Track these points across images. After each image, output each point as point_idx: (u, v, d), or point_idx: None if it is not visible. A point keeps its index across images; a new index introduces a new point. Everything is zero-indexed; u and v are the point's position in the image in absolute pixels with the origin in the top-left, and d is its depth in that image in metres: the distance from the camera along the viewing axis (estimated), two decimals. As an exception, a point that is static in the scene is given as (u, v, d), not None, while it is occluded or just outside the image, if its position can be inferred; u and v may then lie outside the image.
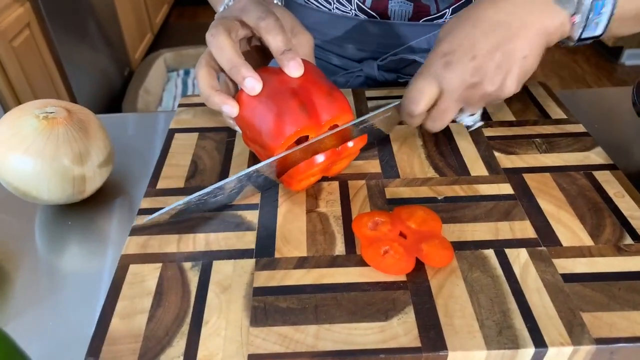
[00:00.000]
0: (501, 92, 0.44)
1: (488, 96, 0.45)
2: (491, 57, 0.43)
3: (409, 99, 0.45)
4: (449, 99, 0.45)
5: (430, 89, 0.44)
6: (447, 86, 0.44)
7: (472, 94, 0.44)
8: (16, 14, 1.57)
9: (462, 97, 0.45)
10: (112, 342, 0.36)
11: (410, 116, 0.46)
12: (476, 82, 0.43)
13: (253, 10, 0.46)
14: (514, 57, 0.43)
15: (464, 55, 0.43)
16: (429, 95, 0.44)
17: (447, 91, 0.44)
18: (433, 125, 0.47)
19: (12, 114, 0.49)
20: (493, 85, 0.43)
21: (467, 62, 0.43)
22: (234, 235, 0.44)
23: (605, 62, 2.78)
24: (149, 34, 2.94)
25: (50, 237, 0.50)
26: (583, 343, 0.35)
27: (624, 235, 0.43)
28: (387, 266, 0.40)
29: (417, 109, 0.45)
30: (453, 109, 0.46)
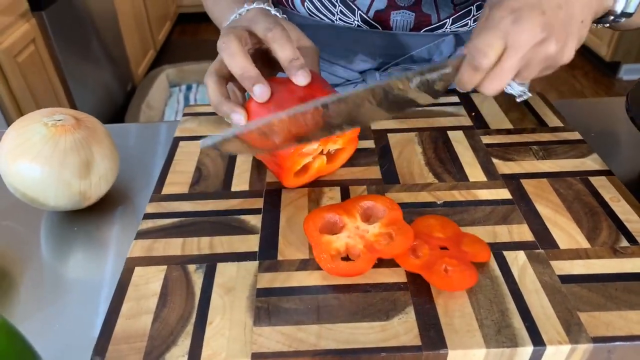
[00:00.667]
0: (561, 55, 0.44)
1: (548, 59, 0.44)
2: (557, 15, 0.42)
3: (478, 51, 0.43)
4: (515, 56, 0.43)
5: (498, 43, 0.43)
6: (515, 42, 0.42)
7: (537, 53, 0.43)
8: (21, 29, 1.60)
9: (526, 56, 0.43)
10: (117, 341, 0.37)
11: (475, 70, 0.44)
12: (544, 37, 0.42)
13: (262, 21, 0.48)
14: (575, 19, 0.43)
15: (533, 9, 0.42)
16: (497, 50, 0.43)
17: (514, 47, 0.43)
18: (491, 86, 0.45)
19: (20, 122, 0.50)
20: (557, 44, 0.43)
21: (536, 17, 0.42)
22: (238, 238, 0.45)
23: (603, 77, 2.81)
24: (151, 50, 2.98)
25: (55, 243, 0.51)
26: (580, 342, 0.36)
27: (620, 238, 0.44)
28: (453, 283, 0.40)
29: (486, 62, 0.43)
30: (514, 69, 0.44)
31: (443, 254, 0.41)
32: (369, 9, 0.64)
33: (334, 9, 0.65)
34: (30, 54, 1.65)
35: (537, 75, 0.46)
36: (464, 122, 0.60)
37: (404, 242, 0.41)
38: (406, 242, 0.41)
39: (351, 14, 0.64)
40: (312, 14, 0.67)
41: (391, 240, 0.42)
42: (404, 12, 0.63)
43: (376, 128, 0.59)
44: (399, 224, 0.43)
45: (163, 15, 3.27)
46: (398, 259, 0.41)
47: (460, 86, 0.46)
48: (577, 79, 2.82)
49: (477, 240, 0.43)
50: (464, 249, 0.42)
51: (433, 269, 0.40)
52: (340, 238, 0.43)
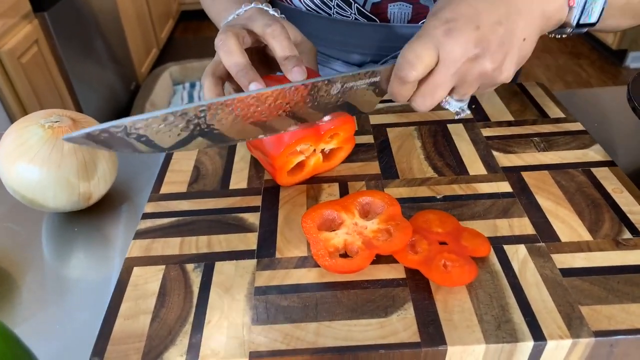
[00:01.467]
0: (499, 73, 0.42)
1: (484, 76, 0.42)
2: (495, 31, 0.40)
3: (405, 61, 0.41)
4: (446, 71, 0.41)
5: (428, 54, 0.40)
6: (447, 55, 0.40)
7: (470, 69, 0.41)
8: (25, 31, 1.60)
9: (459, 72, 0.41)
10: (116, 341, 0.37)
11: (402, 82, 0.42)
12: (478, 53, 0.40)
13: (260, 19, 0.47)
14: (515, 37, 0.41)
15: (468, 23, 0.40)
16: (426, 61, 0.40)
17: (445, 61, 0.40)
18: (422, 102, 0.43)
19: (18, 124, 0.50)
20: (493, 63, 0.41)
21: (470, 31, 0.40)
22: (236, 236, 0.45)
23: (609, 65, 2.78)
24: (154, 48, 2.98)
25: (56, 244, 0.51)
26: (582, 336, 0.35)
27: (622, 230, 0.44)
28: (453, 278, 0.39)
29: (412, 74, 0.41)
30: (447, 85, 0.42)
31: (442, 249, 0.41)
32: (365, 2, 0.63)
33: (331, 2, 0.64)
34: (34, 54, 1.65)
35: (477, 92, 0.44)
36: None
37: (402, 238, 0.41)
38: (405, 238, 0.41)
39: (348, 6, 0.63)
40: (309, 7, 0.66)
41: (390, 237, 0.42)
42: (401, 4, 0.62)
43: (375, 123, 0.59)
44: (397, 220, 0.43)
45: (165, 13, 3.27)
46: (396, 255, 0.41)
47: (393, 97, 0.44)
48: (583, 67, 2.79)
49: (476, 234, 0.43)
50: (463, 243, 0.42)
51: (432, 264, 0.40)
52: (338, 235, 0.42)
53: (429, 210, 0.45)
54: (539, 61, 2.88)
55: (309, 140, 0.46)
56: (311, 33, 0.67)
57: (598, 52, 2.91)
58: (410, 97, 0.43)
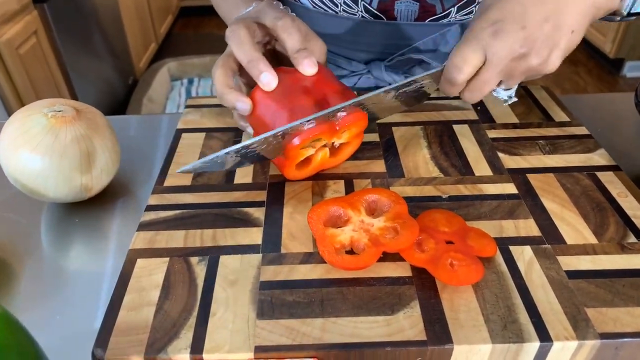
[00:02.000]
0: (545, 66, 0.43)
1: (531, 70, 0.43)
2: (541, 28, 0.41)
3: (453, 66, 0.43)
4: (493, 70, 0.43)
5: (475, 57, 0.42)
6: (494, 56, 0.42)
7: (517, 66, 0.43)
8: (23, 22, 1.59)
9: (506, 69, 0.43)
10: (119, 333, 0.36)
11: (451, 85, 0.45)
12: (524, 53, 0.41)
13: (270, 12, 0.47)
14: (563, 31, 0.41)
15: (514, 23, 0.41)
16: (473, 64, 0.43)
17: (492, 61, 0.42)
18: (471, 97, 0.46)
19: (21, 113, 0.50)
20: (539, 58, 0.42)
21: (517, 31, 0.41)
22: (241, 231, 0.44)
23: (606, 74, 2.80)
24: (153, 43, 2.97)
25: (56, 235, 0.51)
26: (588, 338, 0.35)
27: (627, 234, 0.44)
28: (459, 277, 0.39)
29: (460, 78, 0.43)
30: (494, 81, 0.44)
31: (449, 248, 0.41)
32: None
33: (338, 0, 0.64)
34: (32, 46, 1.64)
35: (523, 81, 0.46)
36: (470, 116, 0.60)
37: (409, 236, 0.41)
38: (411, 236, 0.41)
39: (355, 4, 0.63)
40: (316, 5, 0.66)
41: (396, 234, 0.41)
42: (408, 1, 0.62)
43: (381, 122, 0.59)
44: (404, 218, 0.43)
45: (165, 8, 3.26)
46: (403, 253, 0.41)
47: (443, 93, 0.48)
48: (581, 75, 2.80)
49: (483, 234, 0.42)
50: (469, 243, 0.42)
51: (439, 263, 0.39)
52: (344, 231, 0.42)
53: (435, 210, 0.45)
54: (537, 68, 2.89)
55: (323, 136, 0.46)
56: (317, 31, 0.67)
57: (595, 61, 2.92)
58: (460, 92, 0.46)
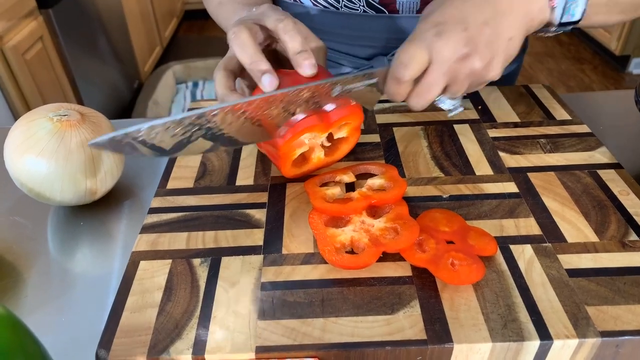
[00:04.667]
0: (487, 72, 0.44)
1: (474, 74, 0.44)
2: (482, 31, 0.43)
3: (399, 63, 0.44)
4: (438, 71, 0.43)
5: (421, 55, 0.43)
6: (438, 55, 0.43)
7: (461, 68, 0.43)
8: (29, 27, 1.61)
9: (450, 71, 0.43)
10: (123, 334, 0.37)
11: (398, 82, 0.44)
12: (467, 52, 0.43)
13: (272, 14, 0.48)
14: (502, 37, 0.43)
15: (457, 25, 0.43)
16: (419, 62, 0.43)
17: (437, 61, 0.43)
18: (417, 102, 0.46)
19: (26, 117, 0.50)
20: (482, 61, 0.43)
21: (459, 32, 0.42)
22: (243, 232, 0.45)
23: (612, 71, 2.78)
24: (158, 47, 2.99)
25: (62, 238, 0.51)
26: (588, 336, 0.35)
27: (628, 231, 0.44)
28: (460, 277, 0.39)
29: (407, 74, 0.43)
30: (439, 84, 0.44)
31: (449, 247, 0.41)
32: None
33: None
34: (38, 51, 1.65)
35: (467, 91, 0.47)
36: (471, 115, 0.60)
37: (409, 237, 0.41)
38: (412, 237, 0.41)
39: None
40: (317, 3, 0.66)
41: (397, 235, 0.42)
42: None
43: (382, 122, 0.59)
44: (404, 219, 0.43)
45: (169, 12, 3.28)
46: (404, 254, 0.41)
47: (389, 97, 0.47)
48: (586, 73, 2.79)
49: (483, 233, 0.43)
50: (470, 242, 0.42)
51: (440, 263, 0.40)
52: (345, 232, 0.43)
53: (436, 210, 0.45)
54: (542, 66, 2.88)
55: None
56: (319, 28, 0.68)
57: (601, 58, 2.91)
58: (406, 97, 0.46)
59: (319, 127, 0.46)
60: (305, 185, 0.47)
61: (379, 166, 0.49)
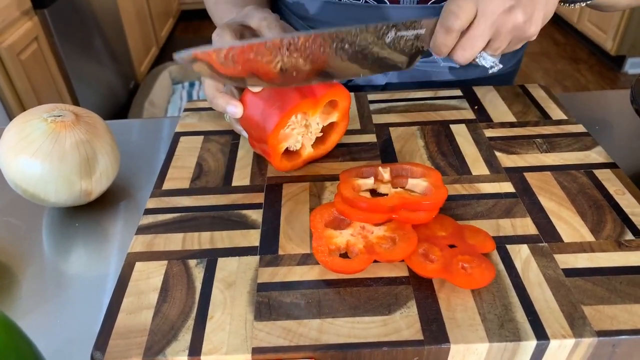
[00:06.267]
0: (528, 26, 0.46)
1: (517, 28, 0.46)
2: None
3: (449, 12, 0.45)
4: (484, 22, 0.45)
5: (469, 6, 0.45)
6: (486, 7, 0.45)
7: (506, 21, 0.45)
8: (24, 27, 1.60)
9: (495, 24, 0.45)
10: (118, 336, 0.36)
11: (447, 32, 0.46)
12: (512, 5, 0.44)
13: (255, 14, 0.48)
14: None
15: None
16: (467, 12, 0.45)
17: (484, 13, 0.45)
18: (462, 54, 0.47)
19: (21, 118, 0.50)
20: (524, 15, 0.45)
21: None
22: (239, 233, 0.45)
23: (608, 71, 2.79)
24: (154, 47, 2.98)
25: (57, 239, 0.51)
26: (585, 335, 0.35)
27: (624, 231, 0.44)
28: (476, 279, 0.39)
29: (457, 23, 0.45)
30: (485, 36, 0.46)
31: (454, 252, 0.41)
32: None
33: None
34: (33, 51, 1.65)
35: (507, 49, 0.48)
36: (467, 115, 0.60)
37: (405, 249, 0.40)
38: (407, 249, 0.40)
39: None
40: None
41: (393, 245, 0.41)
42: None
43: (378, 122, 0.59)
44: (405, 230, 0.42)
45: (165, 12, 3.27)
46: (415, 268, 0.40)
47: (435, 50, 0.48)
48: (582, 73, 2.80)
49: (478, 231, 0.43)
50: (470, 242, 0.42)
51: (452, 270, 0.39)
52: (343, 234, 0.42)
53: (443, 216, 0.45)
54: (538, 65, 2.89)
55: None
56: (321, 20, 0.68)
57: (597, 58, 2.92)
58: (451, 50, 0.48)
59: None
60: (341, 175, 0.47)
61: (423, 168, 0.47)
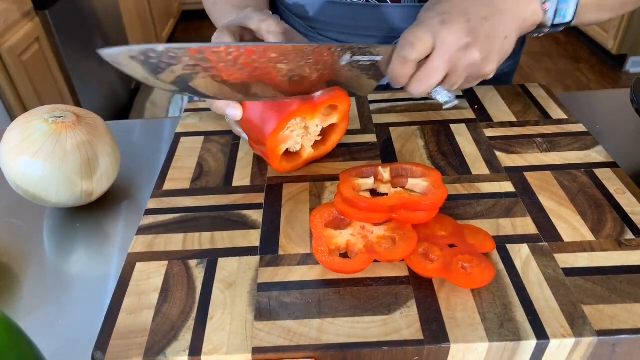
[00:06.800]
0: (484, 64, 0.46)
1: (472, 66, 0.46)
2: (482, 25, 0.45)
3: (406, 42, 0.45)
4: (441, 57, 0.45)
5: (426, 38, 0.45)
6: (443, 41, 0.45)
7: (462, 57, 0.45)
8: (25, 29, 1.60)
9: (452, 59, 0.45)
10: (119, 336, 0.36)
11: (403, 62, 0.46)
12: (469, 42, 0.45)
13: (255, 15, 0.49)
14: (499, 33, 0.46)
15: (460, 16, 0.45)
16: (424, 44, 0.45)
17: (441, 47, 0.45)
18: (417, 87, 0.47)
19: (22, 119, 0.50)
20: (481, 53, 0.45)
21: (462, 22, 0.45)
22: (239, 233, 0.45)
23: (609, 70, 2.79)
24: (155, 48, 2.98)
25: (58, 239, 0.51)
26: (585, 335, 0.35)
27: (625, 230, 0.44)
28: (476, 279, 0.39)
29: (413, 53, 0.45)
30: (441, 71, 0.46)
31: (454, 251, 0.41)
32: None
33: None
34: (35, 52, 1.65)
35: (462, 86, 0.49)
36: (467, 115, 0.60)
37: (405, 249, 0.40)
38: (407, 249, 0.40)
39: None
40: None
41: (393, 245, 0.41)
42: None
43: (378, 122, 0.59)
44: (405, 230, 0.42)
45: (166, 12, 3.27)
46: (415, 268, 0.40)
47: (392, 79, 0.48)
48: (583, 72, 2.79)
49: (477, 230, 0.43)
50: (470, 242, 0.42)
51: (452, 269, 0.39)
52: (343, 234, 0.42)
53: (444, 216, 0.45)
54: (539, 65, 2.88)
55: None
56: (321, 20, 0.68)
57: (598, 57, 2.91)
58: (407, 83, 0.48)
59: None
60: (341, 175, 0.47)
61: (423, 168, 0.47)
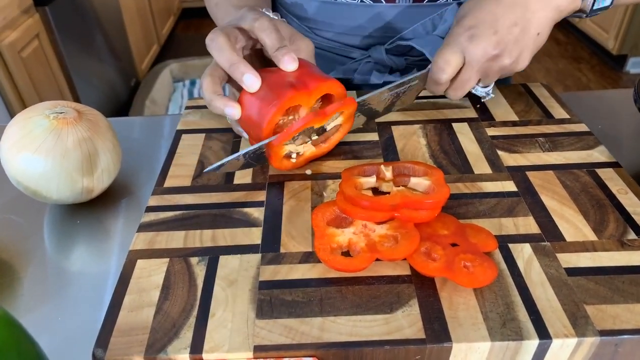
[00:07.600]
0: (516, 65, 0.50)
1: (504, 69, 0.50)
2: (510, 32, 0.48)
3: (437, 68, 0.50)
4: (471, 70, 0.50)
5: (455, 58, 0.49)
6: (471, 57, 0.49)
7: (492, 65, 0.49)
8: (25, 25, 1.60)
9: (482, 68, 0.50)
10: (120, 333, 0.36)
11: (437, 84, 0.52)
12: (497, 54, 0.48)
13: (249, 16, 0.49)
14: (529, 34, 0.48)
15: (487, 29, 0.48)
16: (454, 65, 0.49)
17: (470, 62, 0.49)
18: (455, 94, 0.53)
19: (23, 115, 0.50)
20: (510, 58, 0.49)
21: (490, 36, 0.48)
22: (240, 231, 0.45)
23: (609, 70, 2.79)
24: (155, 45, 2.98)
25: (59, 236, 0.51)
26: (587, 335, 0.35)
27: (627, 230, 0.44)
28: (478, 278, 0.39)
29: (444, 77, 0.50)
30: (473, 79, 0.51)
31: (457, 250, 0.40)
32: None
33: None
34: (34, 49, 1.65)
35: (498, 78, 0.53)
36: (469, 114, 0.60)
37: (407, 247, 0.40)
38: (410, 248, 0.40)
39: None
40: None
41: (395, 244, 0.41)
42: None
43: (380, 121, 0.59)
44: (407, 228, 0.42)
45: (167, 9, 3.27)
46: (417, 266, 0.40)
47: (430, 91, 0.55)
48: (584, 72, 2.79)
49: (480, 229, 0.42)
50: (472, 241, 0.41)
51: (454, 268, 0.39)
52: (345, 233, 0.42)
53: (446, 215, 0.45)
54: (540, 65, 2.88)
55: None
56: (317, 20, 0.68)
57: (598, 57, 2.91)
58: (445, 91, 0.54)
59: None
60: (343, 173, 0.47)
61: (425, 167, 0.47)
